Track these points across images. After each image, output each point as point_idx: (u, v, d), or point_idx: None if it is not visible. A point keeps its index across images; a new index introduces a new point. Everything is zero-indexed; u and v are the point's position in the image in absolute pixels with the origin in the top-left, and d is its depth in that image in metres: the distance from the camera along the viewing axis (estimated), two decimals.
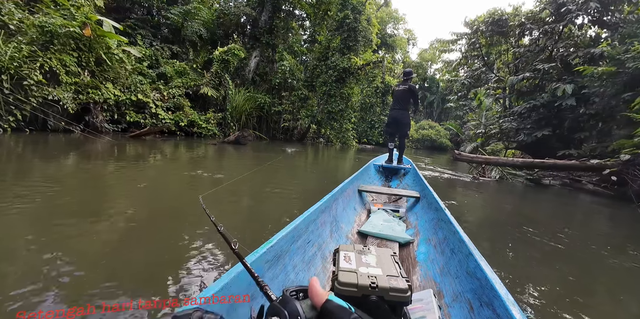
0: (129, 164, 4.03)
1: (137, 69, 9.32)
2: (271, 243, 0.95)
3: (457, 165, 11.57)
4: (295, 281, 1.04)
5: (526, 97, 9.16)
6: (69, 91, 6.75)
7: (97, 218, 1.96)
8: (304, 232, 1.25)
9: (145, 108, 8.60)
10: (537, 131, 7.74)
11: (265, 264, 0.90)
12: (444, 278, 1.14)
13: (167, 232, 1.84)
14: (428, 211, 1.98)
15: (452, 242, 1.28)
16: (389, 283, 0.62)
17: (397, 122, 3.99)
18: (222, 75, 10.97)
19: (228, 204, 2.61)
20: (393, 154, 3.91)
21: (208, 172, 3.82)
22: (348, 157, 9.66)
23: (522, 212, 3.59)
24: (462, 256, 1.10)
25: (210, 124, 9.86)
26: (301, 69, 14.18)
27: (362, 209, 2.32)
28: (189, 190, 3.03)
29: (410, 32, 31.84)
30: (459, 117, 31.65)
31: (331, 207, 1.73)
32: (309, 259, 1.21)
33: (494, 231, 2.68)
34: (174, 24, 12.16)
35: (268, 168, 4.73)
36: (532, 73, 7.88)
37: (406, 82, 3.94)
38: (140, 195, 2.63)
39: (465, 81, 10.06)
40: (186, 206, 2.42)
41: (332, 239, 1.51)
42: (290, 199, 3.01)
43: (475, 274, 0.94)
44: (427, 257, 1.40)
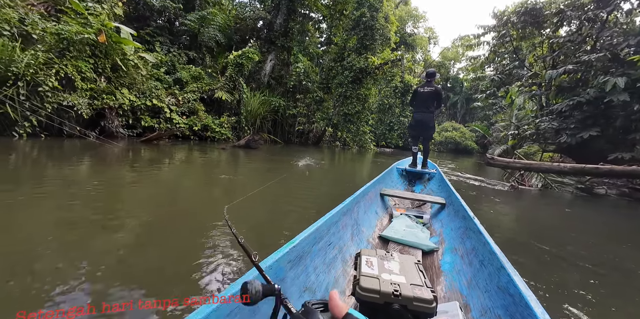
0: (131, 171, 3.79)
1: (154, 75, 9.42)
2: (294, 243, 0.95)
3: (486, 171, 10.59)
4: (316, 283, 1.02)
5: (567, 93, 8.14)
6: (85, 96, 6.81)
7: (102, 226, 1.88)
8: (325, 234, 1.24)
9: (160, 113, 8.60)
10: (582, 132, 6.77)
11: (288, 264, 0.90)
12: (472, 291, 1.08)
13: (179, 241, 1.77)
14: (454, 219, 1.88)
15: (481, 253, 1.20)
16: (413, 292, 0.61)
17: (422, 125, 3.84)
18: (236, 79, 10.86)
19: (238, 213, 2.34)
20: (417, 158, 3.79)
21: (209, 180, 3.49)
22: (365, 161, 9.10)
23: (568, 227, 2.90)
24: (493, 269, 1.03)
25: (223, 128, 9.72)
26: (316, 71, 13.84)
27: (383, 213, 2.26)
28: (191, 197, 2.68)
29: (431, 31, 30.67)
30: (485, 117, 29.88)
31: (353, 210, 1.69)
32: (330, 261, 1.20)
33: (529, 248, 2.16)
34: (190, 30, 12.31)
35: (280, 175, 4.34)
36: (575, 66, 6.93)
37: (430, 83, 3.78)
38: (144, 202, 2.33)
39: (496, 77, 9.16)
40: (191, 215, 2.09)
41: (353, 243, 1.49)
42: (304, 210, 2.58)
43: (508, 289, 0.88)
44: (453, 267, 1.34)
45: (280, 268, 0.85)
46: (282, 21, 15.12)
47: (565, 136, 7.12)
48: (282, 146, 11.37)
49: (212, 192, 3.17)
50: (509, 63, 9.50)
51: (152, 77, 9.29)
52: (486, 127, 28.07)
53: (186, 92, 9.71)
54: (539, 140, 9.48)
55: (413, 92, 3.97)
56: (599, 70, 7.38)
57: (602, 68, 7.32)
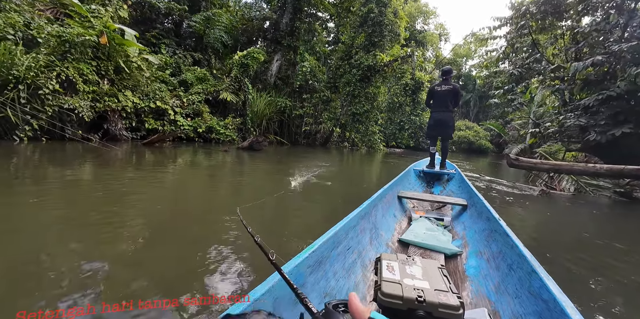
0: (124, 176, 3.57)
1: (159, 77, 9.34)
2: (313, 248, 0.94)
3: (505, 172, 9.99)
4: (336, 288, 1.01)
5: (594, 87, 7.50)
6: (87, 99, 6.72)
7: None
8: (344, 238, 1.23)
9: (164, 115, 8.48)
10: (614, 129, 6.16)
11: (308, 269, 0.89)
12: (501, 297, 1.01)
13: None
14: (478, 221, 1.79)
15: (509, 257, 1.14)
16: (438, 297, 0.59)
17: (442, 125, 3.74)
18: (241, 79, 10.68)
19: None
20: (435, 159, 3.70)
21: (196, 188, 3.21)
22: (375, 162, 8.70)
23: (609, 237, 2.45)
24: (523, 273, 0.97)
25: (228, 130, 9.53)
26: (323, 71, 13.52)
27: (402, 216, 2.19)
28: (178, 206, 2.40)
29: (442, 27, 29.86)
30: (501, 116, 28.81)
31: (370, 213, 1.66)
32: (349, 266, 1.18)
33: (565, 265, 1.81)
34: (196, 31, 12.24)
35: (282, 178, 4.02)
36: (604, 57, 6.33)
37: (447, 81, 3.69)
38: (137, 207, 2.08)
39: (515, 70, 8.56)
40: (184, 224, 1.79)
41: (372, 247, 1.46)
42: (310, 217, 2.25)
43: (541, 295, 0.82)
44: (479, 272, 1.28)
45: (300, 273, 0.84)
46: (288, 20, 14.90)
47: (593, 134, 6.52)
48: (289, 148, 11.10)
49: (200, 201, 2.89)
50: (528, 56, 8.87)
51: (157, 80, 9.20)
52: (501, 126, 26.99)
53: (191, 93, 9.58)
54: (563, 138, 8.82)
55: (429, 91, 3.84)
56: (628, 61, 6.75)
57: (633, 59, 6.69)
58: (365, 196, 1.81)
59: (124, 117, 7.61)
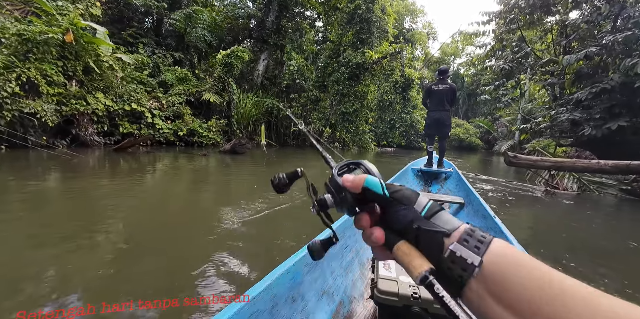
0: (76, 186, 3.10)
1: (136, 78, 8.80)
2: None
3: (494, 169, 9.82)
4: (334, 286, 1.00)
5: (586, 80, 7.37)
6: (51, 102, 6.17)
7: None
8: (341, 237, 1.19)
9: (141, 118, 7.94)
10: (610, 122, 5.99)
11: (305, 267, 0.89)
12: None
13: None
14: (474, 219, 1.82)
15: None
16: None
17: (439, 124, 3.75)
18: (225, 79, 10.20)
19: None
20: (433, 157, 3.68)
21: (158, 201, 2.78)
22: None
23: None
24: None
25: (212, 133, 9.04)
26: (312, 70, 13.16)
27: None
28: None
29: (429, 26, 29.98)
30: (489, 113, 29.03)
31: None
32: (347, 264, 1.19)
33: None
34: (177, 30, 11.70)
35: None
36: (597, 48, 6.17)
37: (443, 80, 3.74)
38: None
39: (506, 65, 8.38)
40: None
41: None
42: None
43: None
44: None
45: (297, 271, 0.83)
46: (274, 18, 14.49)
47: (589, 128, 6.34)
48: (277, 149, 10.68)
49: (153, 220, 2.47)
50: (518, 50, 8.71)
51: (133, 80, 8.66)
52: (490, 123, 27.19)
53: (171, 95, 9.06)
54: (554, 133, 8.69)
55: (426, 90, 3.85)
56: (619, 53, 6.63)
57: (624, 51, 6.58)
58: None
59: (95, 121, 7.06)
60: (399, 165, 8.39)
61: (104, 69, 7.47)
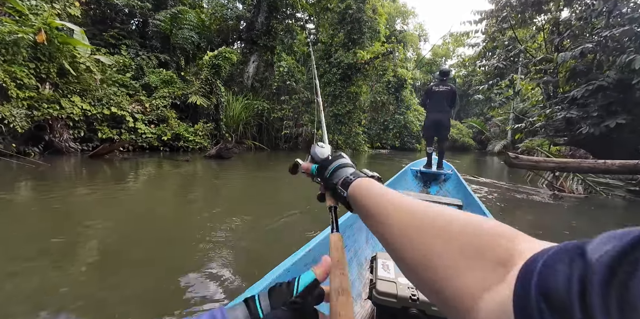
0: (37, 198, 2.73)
1: (118, 80, 8.40)
2: (309, 246, 0.97)
3: (488, 170, 9.66)
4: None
5: (580, 78, 7.25)
6: (21, 107, 5.74)
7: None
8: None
9: (122, 122, 7.54)
10: (608, 120, 5.84)
11: (305, 267, 0.91)
12: None
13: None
14: None
15: None
16: None
17: (438, 126, 3.74)
18: (213, 81, 9.85)
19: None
20: (432, 159, 3.65)
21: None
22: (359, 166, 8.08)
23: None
24: None
25: (198, 137, 8.66)
26: (303, 71, 12.88)
27: None
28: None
29: (420, 27, 30.12)
30: (481, 113, 29.18)
31: None
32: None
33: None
34: (162, 31, 11.33)
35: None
36: (593, 44, 6.04)
37: (444, 82, 3.73)
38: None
39: (500, 63, 8.23)
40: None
41: (368, 246, 1.47)
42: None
43: None
44: None
45: (297, 270, 0.84)
46: (264, 19, 14.23)
47: (587, 127, 6.18)
48: (268, 153, 10.33)
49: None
50: (511, 48, 8.58)
51: (115, 83, 8.26)
52: (482, 123, 27.30)
53: (155, 98, 8.67)
54: (549, 132, 8.57)
55: (426, 91, 3.83)
56: (613, 50, 6.53)
57: (617, 48, 6.47)
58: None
59: (71, 126, 6.64)
60: (393, 166, 8.14)
61: (81, 71, 7.07)
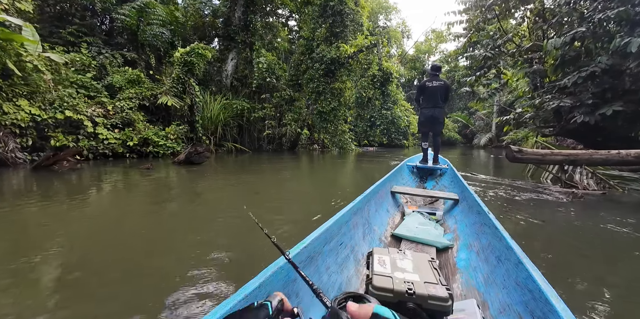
0: None
1: (77, 82, 7.54)
2: (304, 243, 0.95)
3: (475, 163, 9.39)
4: (329, 283, 1.02)
5: (570, 66, 7.02)
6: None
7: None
8: (336, 234, 1.23)
9: (80, 128, 6.72)
10: (603, 108, 5.57)
11: (299, 264, 0.84)
12: (489, 288, 1.05)
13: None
14: (469, 215, 1.80)
15: (497, 249, 1.17)
16: (427, 290, 0.61)
17: (433, 121, 3.75)
18: (185, 80, 9.10)
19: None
20: (428, 154, 3.72)
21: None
22: (344, 169, 7.60)
23: None
24: (511, 264, 1.00)
25: (170, 141, 7.91)
26: (284, 68, 12.25)
27: (395, 211, 2.18)
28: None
29: (404, 23, 30.03)
30: (465, 108, 29.40)
31: (363, 209, 1.67)
32: (342, 261, 1.19)
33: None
34: (128, 27, 10.44)
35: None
36: (587, 27, 5.75)
37: (436, 77, 3.73)
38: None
39: (488, 52, 7.90)
40: None
41: (365, 242, 1.47)
42: None
43: (527, 285, 0.85)
44: (469, 264, 1.30)
45: (290, 269, 0.81)
46: (241, 14, 13.51)
47: (580, 115, 5.91)
48: (250, 156, 9.67)
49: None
50: (498, 37, 8.28)
51: (73, 84, 7.41)
52: (467, 117, 27.46)
53: (119, 99, 7.86)
54: (539, 123, 8.37)
55: (420, 87, 3.85)
56: (602, 35, 6.31)
57: (606, 33, 6.26)
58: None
59: (17, 134, 5.80)
60: (382, 165, 7.69)
61: (29, 71, 6.22)
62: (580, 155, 3.13)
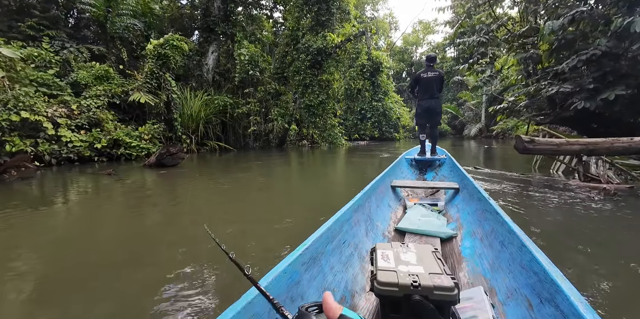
0: None
1: (37, 79, 6.78)
2: (306, 244, 0.93)
3: (466, 154, 9.10)
4: (334, 282, 1.00)
5: (565, 51, 6.72)
6: None
7: None
8: (338, 232, 1.21)
9: (40, 130, 6.03)
10: (606, 92, 5.27)
11: (302, 266, 0.88)
12: (495, 274, 1.03)
13: None
14: (470, 203, 1.80)
15: (501, 234, 1.17)
16: (432, 281, 0.61)
17: (430, 112, 3.78)
18: (160, 75, 8.40)
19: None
20: (426, 146, 3.69)
21: None
22: (334, 167, 7.16)
23: None
24: (514, 248, 0.99)
25: (143, 141, 7.27)
26: (269, 60, 11.60)
27: (397, 205, 2.18)
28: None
29: (391, 15, 29.53)
30: (454, 98, 29.29)
31: (364, 205, 1.64)
32: (346, 259, 1.17)
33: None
34: (95, 18, 9.60)
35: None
36: (588, 9, 5.40)
37: (431, 67, 3.73)
38: None
39: (482, 37, 7.50)
40: None
41: (368, 238, 1.45)
42: None
43: (532, 267, 0.84)
44: (474, 252, 1.29)
45: (294, 271, 0.82)
46: (220, 3, 12.71)
47: (580, 101, 5.61)
48: (235, 155, 9.10)
49: None
50: (490, 22, 7.90)
51: (33, 83, 6.66)
52: (456, 108, 27.34)
53: (85, 97, 7.15)
54: (534, 111, 8.11)
55: (414, 78, 3.83)
56: (598, 17, 6.01)
57: (601, 16, 5.97)
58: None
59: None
60: (373, 159, 7.28)
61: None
62: (600, 144, 2.77)
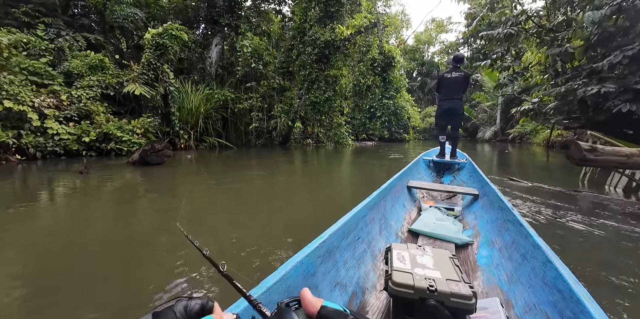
0: None
1: (28, 67, 6.38)
2: (323, 238, 0.94)
3: (483, 161, 8.37)
4: (346, 277, 1.00)
5: (600, 47, 6.00)
6: None
7: None
8: (353, 228, 1.22)
9: (25, 121, 5.61)
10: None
11: (318, 259, 0.88)
12: (513, 286, 1.00)
13: None
14: (490, 211, 1.75)
15: (523, 246, 1.11)
16: (450, 287, 0.60)
17: (451, 113, 3.60)
18: (158, 66, 7.93)
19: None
20: (445, 148, 3.57)
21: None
22: (334, 172, 6.58)
23: None
24: (538, 263, 0.96)
25: (135, 136, 6.80)
26: (274, 54, 11.03)
27: (411, 206, 2.16)
28: None
29: (403, 12, 28.70)
30: (467, 99, 28.25)
31: (379, 204, 1.65)
32: (359, 256, 1.18)
33: None
34: (93, 6, 9.17)
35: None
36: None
37: (457, 68, 3.59)
38: None
39: (510, 29, 6.78)
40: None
41: (382, 237, 1.46)
42: None
43: (556, 285, 0.81)
44: (491, 261, 1.25)
45: (311, 263, 0.83)
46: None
47: (625, 104, 4.91)
48: (235, 152, 8.60)
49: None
50: (518, 13, 7.14)
51: (22, 71, 6.26)
52: (470, 109, 26.32)
53: (76, 88, 6.72)
54: (564, 114, 7.37)
55: (439, 78, 3.77)
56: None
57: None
58: None
59: None
60: (382, 160, 6.67)
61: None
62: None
